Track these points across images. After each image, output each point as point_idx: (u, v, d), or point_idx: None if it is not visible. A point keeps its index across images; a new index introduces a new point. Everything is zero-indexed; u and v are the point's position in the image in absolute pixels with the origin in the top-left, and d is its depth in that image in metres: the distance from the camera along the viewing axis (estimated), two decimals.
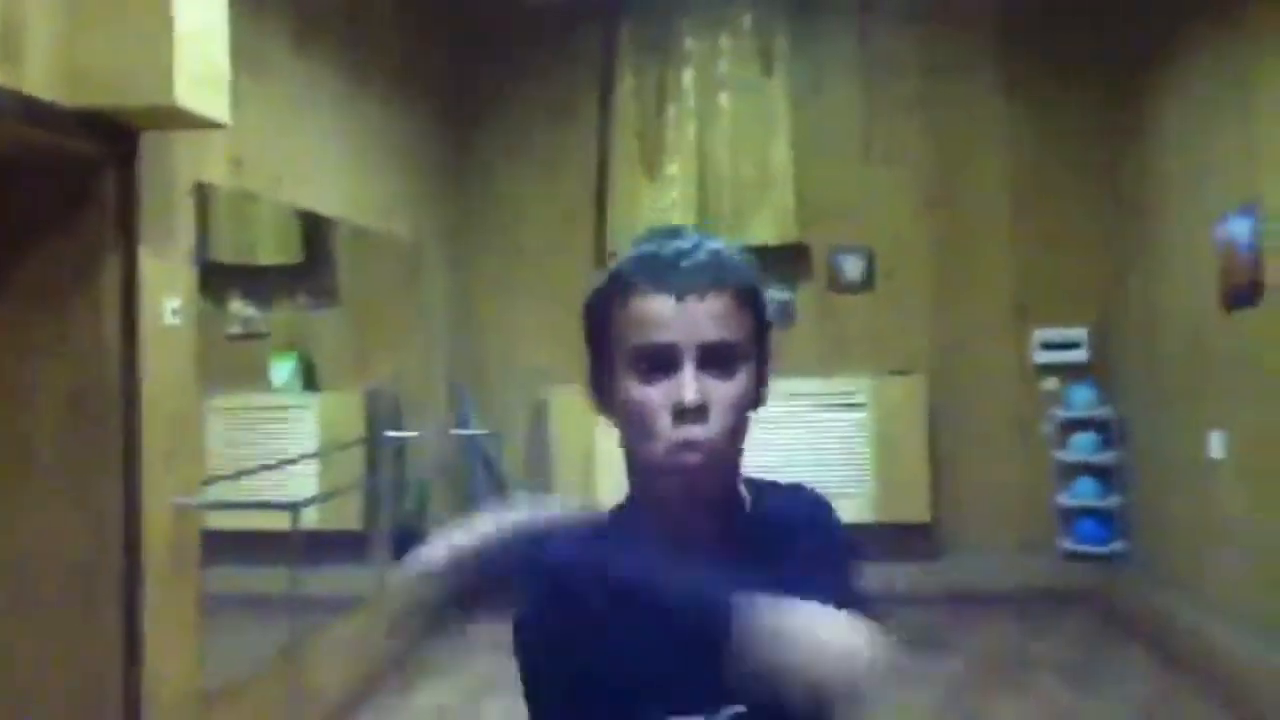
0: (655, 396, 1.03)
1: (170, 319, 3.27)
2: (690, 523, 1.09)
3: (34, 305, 3.04)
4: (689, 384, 1.02)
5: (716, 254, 1.07)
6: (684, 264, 1.05)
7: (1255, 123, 4.11)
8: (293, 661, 3.66)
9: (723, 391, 1.03)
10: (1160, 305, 5.15)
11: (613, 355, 1.08)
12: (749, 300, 1.07)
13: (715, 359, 1.04)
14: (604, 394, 1.11)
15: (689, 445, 1.02)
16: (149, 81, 2.82)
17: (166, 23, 2.79)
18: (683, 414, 1.02)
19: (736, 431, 1.06)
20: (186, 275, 3.39)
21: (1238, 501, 4.33)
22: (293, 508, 3.46)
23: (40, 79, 2.73)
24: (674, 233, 1.10)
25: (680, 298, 1.03)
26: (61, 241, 3.05)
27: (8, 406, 3.03)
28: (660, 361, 1.04)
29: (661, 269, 1.05)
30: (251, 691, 3.67)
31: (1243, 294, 4.22)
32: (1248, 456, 4.24)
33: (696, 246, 1.07)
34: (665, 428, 1.03)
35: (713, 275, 1.05)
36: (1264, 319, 4.04)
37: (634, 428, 1.06)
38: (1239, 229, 4.22)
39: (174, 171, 3.32)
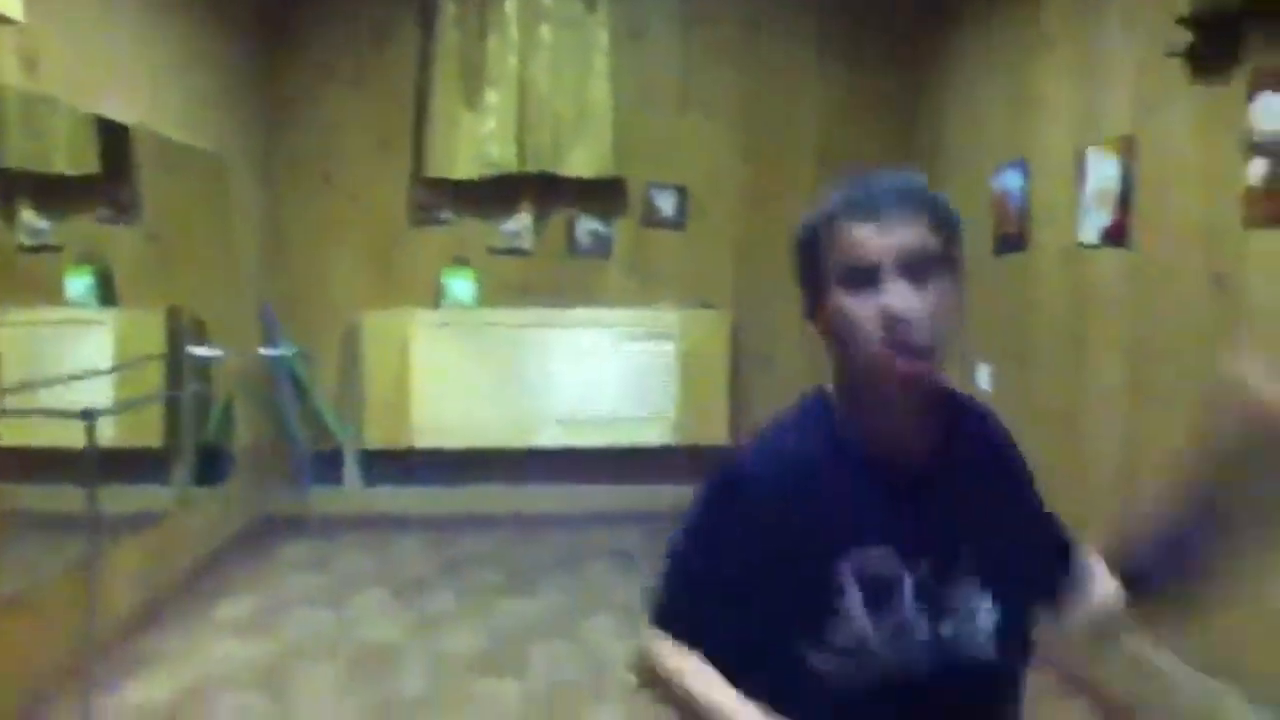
0: (863, 308, 1.18)
1: None
2: (907, 430, 1.24)
3: None
4: (891, 291, 1.17)
5: (910, 186, 1.23)
6: (883, 194, 1.20)
7: (1023, 88, 4.49)
8: (88, 574, 3.61)
9: (930, 299, 1.17)
10: None
11: (824, 277, 1.22)
12: (942, 225, 1.22)
13: (913, 270, 1.17)
14: (815, 313, 1.25)
15: (899, 346, 1.16)
16: None
17: None
18: (891, 322, 1.15)
19: (947, 338, 1.19)
20: None
21: None
22: (88, 416, 3.40)
23: None
24: (875, 171, 1.25)
25: (881, 221, 1.18)
26: None
27: None
28: (866, 277, 1.18)
29: (864, 198, 1.21)
30: (43, 601, 3.61)
31: (1011, 240, 4.62)
32: (1006, 386, 4.68)
33: (893, 180, 1.23)
34: (874, 334, 1.16)
35: (908, 202, 1.20)
36: (1027, 263, 4.44)
37: (847, 338, 1.19)
38: (1011, 182, 4.61)
39: None
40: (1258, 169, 2.85)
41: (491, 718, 3.70)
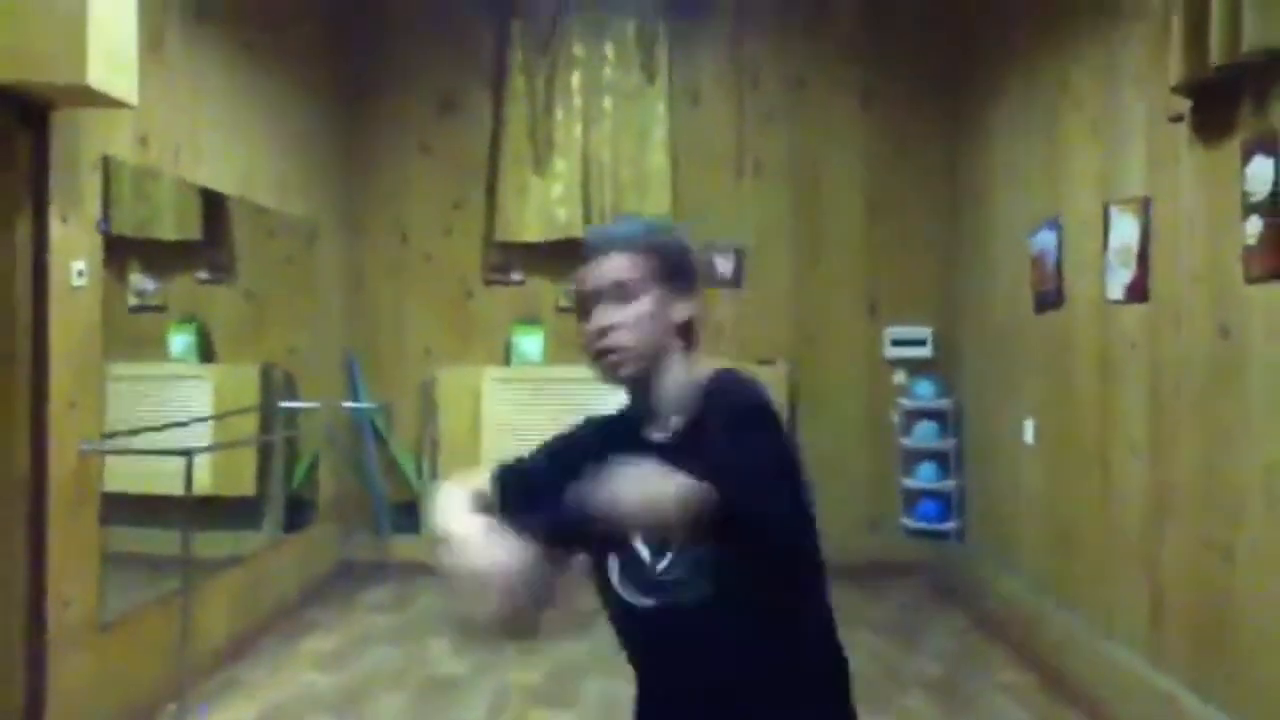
0: (586, 327, 1.57)
1: (77, 280, 3.56)
2: (647, 399, 1.59)
3: None
4: (596, 316, 1.55)
5: (619, 232, 1.61)
6: (596, 240, 1.60)
7: (1057, 150, 4.70)
8: (185, 604, 3.96)
9: (622, 314, 1.53)
10: (988, 307, 5.74)
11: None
12: (645, 256, 1.55)
13: (616, 295, 1.53)
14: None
15: (601, 352, 1.54)
16: (64, 62, 3.06)
17: (81, 5, 3.02)
18: (596, 336, 1.55)
19: (647, 338, 1.53)
20: (92, 241, 3.68)
21: (1038, 480, 4.92)
22: (187, 453, 3.77)
23: None
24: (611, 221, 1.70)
25: (591, 261, 1.55)
26: None
27: None
28: (586, 304, 1.57)
29: (586, 244, 1.60)
30: (145, 625, 3.98)
31: (1049, 298, 4.80)
32: (1049, 441, 4.83)
33: (612, 227, 1.65)
34: (591, 346, 1.55)
35: (613, 244, 1.56)
36: (1065, 321, 4.61)
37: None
38: (1046, 240, 4.79)
39: (83, 145, 3.58)
40: (1253, 227, 3.04)
41: None
